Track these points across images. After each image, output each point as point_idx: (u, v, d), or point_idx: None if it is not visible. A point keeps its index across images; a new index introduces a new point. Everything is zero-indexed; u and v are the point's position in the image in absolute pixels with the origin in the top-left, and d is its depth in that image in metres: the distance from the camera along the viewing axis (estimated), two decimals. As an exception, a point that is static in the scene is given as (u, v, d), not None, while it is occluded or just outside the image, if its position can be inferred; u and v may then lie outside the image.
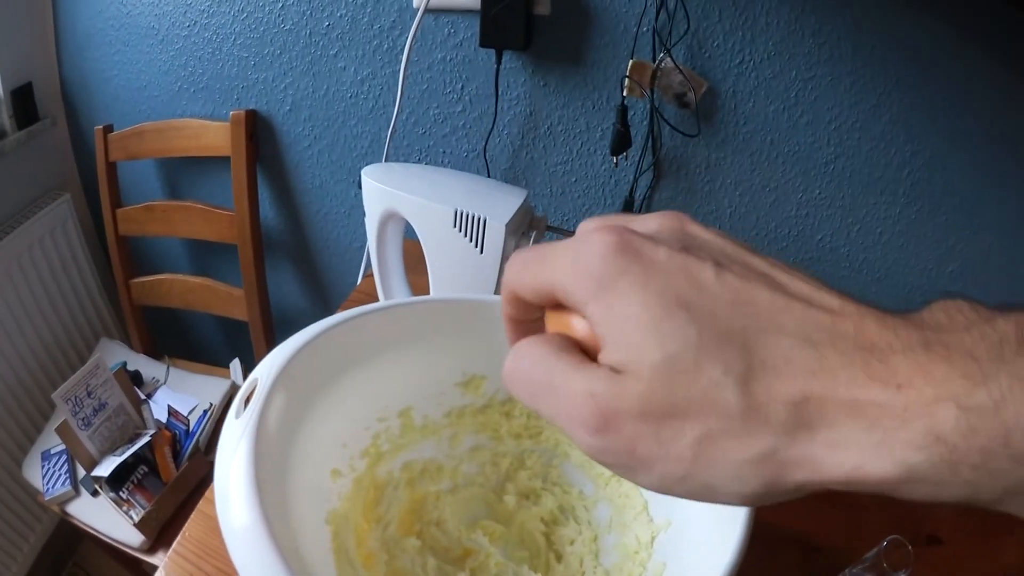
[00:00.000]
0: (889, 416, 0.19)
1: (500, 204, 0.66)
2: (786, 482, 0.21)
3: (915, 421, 0.18)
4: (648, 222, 0.25)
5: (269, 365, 0.44)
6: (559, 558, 0.56)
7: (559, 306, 0.25)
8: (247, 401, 0.42)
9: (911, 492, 0.19)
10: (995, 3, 0.82)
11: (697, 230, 0.25)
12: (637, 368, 0.21)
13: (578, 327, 0.25)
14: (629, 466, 0.22)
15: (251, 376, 0.43)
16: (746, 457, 0.21)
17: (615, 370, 0.22)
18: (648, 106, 0.99)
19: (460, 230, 0.67)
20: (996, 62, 0.86)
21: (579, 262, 0.23)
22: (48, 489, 1.15)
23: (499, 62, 1.00)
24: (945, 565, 0.64)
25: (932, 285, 1.01)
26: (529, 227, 0.69)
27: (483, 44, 0.98)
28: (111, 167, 1.34)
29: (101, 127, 1.31)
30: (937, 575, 0.62)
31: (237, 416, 0.41)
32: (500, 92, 1.04)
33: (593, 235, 0.24)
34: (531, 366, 0.24)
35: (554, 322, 0.26)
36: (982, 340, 0.19)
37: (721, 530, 0.42)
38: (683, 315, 0.21)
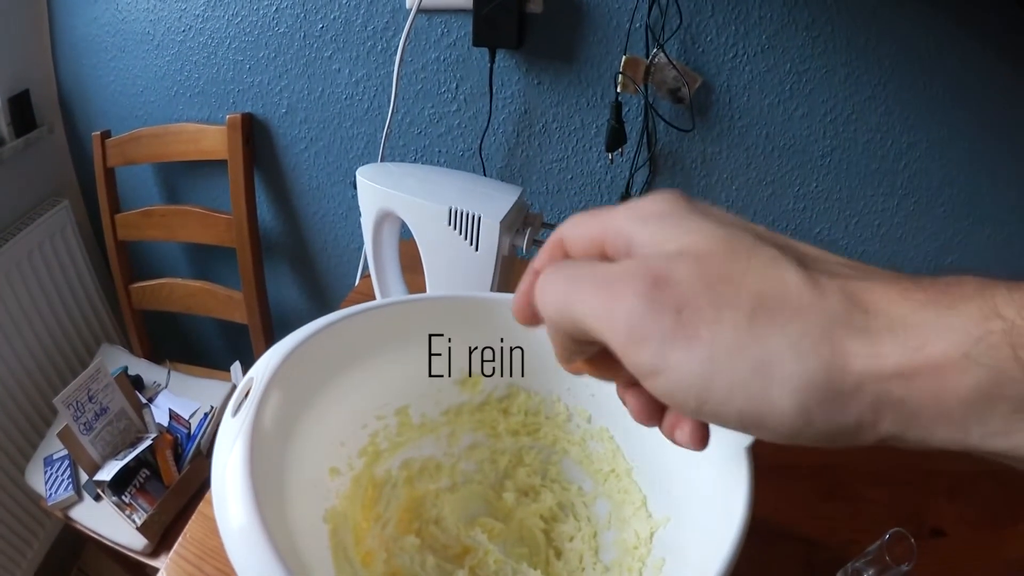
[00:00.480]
0: (943, 304, 0.19)
1: (495, 201, 0.67)
2: (845, 375, 0.19)
3: (970, 302, 0.18)
4: None
5: (265, 364, 0.44)
6: (559, 555, 0.56)
7: None
8: (243, 400, 0.42)
9: (969, 389, 0.18)
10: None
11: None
12: (694, 245, 0.21)
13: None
14: (673, 333, 0.20)
15: (247, 375, 0.43)
16: (805, 328, 0.19)
17: (665, 253, 0.22)
18: (642, 102, 0.99)
19: (455, 228, 0.67)
20: (992, 52, 0.87)
21: (637, 206, 0.24)
22: (51, 495, 1.16)
23: (493, 61, 1.00)
24: (949, 558, 0.63)
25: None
26: (524, 224, 0.69)
27: (476, 43, 0.98)
28: (109, 173, 1.34)
29: (99, 133, 1.31)
30: (941, 568, 0.62)
31: (233, 415, 0.41)
32: (494, 91, 1.05)
33: (650, 195, 0.25)
34: (573, 269, 0.24)
35: None
36: (999, 288, 0.19)
37: (720, 524, 0.41)
38: (741, 229, 0.22)
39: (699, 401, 0.20)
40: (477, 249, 0.67)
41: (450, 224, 0.67)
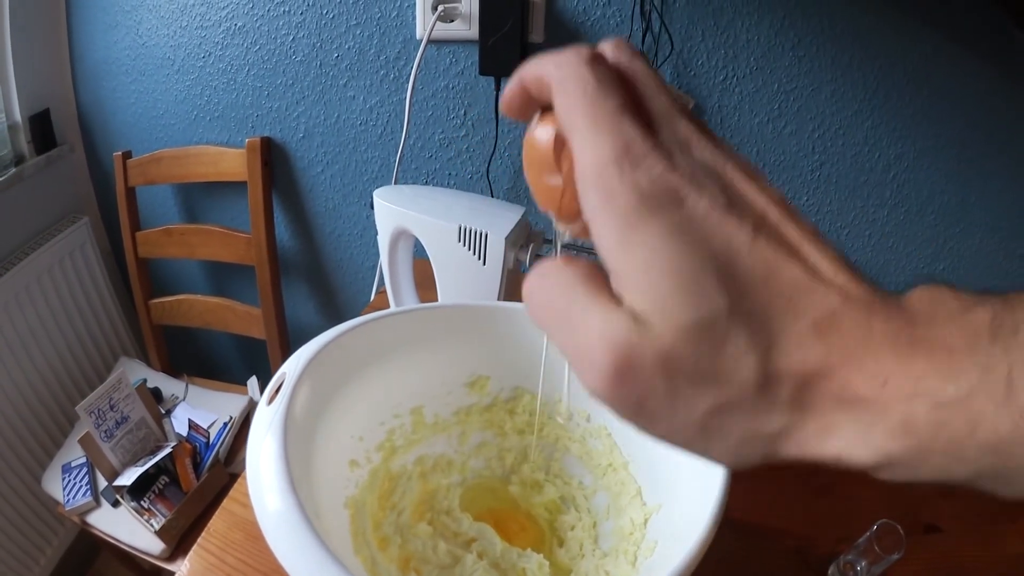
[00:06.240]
0: (872, 410, 0.20)
1: (500, 220, 0.72)
2: (777, 456, 0.22)
3: (893, 415, 0.19)
4: (696, 147, 0.24)
5: (296, 360, 0.49)
6: (561, 543, 0.60)
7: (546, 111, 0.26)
8: (276, 392, 0.47)
9: (890, 474, 0.21)
10: (970, 5, 0.85)
11: (738, 178, 0.23)
12: (663, 324, 0.20)
13: (545, 137, 0.25)
14: (632, 416, 0.22)
15: (280, 370, 0.48)
16: (752, 434, 0.21)
17: (637, 317, 0.21)
18: (640, 126, 1.04)
19: (464, 244, 0.72)
20: (976, 62, 0.89)
21: (602, 159, 0.22)
22: (69, 500, 1.19)
23: (498, 88, 1.06)
24: (945, 554, 0.65)
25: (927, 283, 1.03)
26: (527, 240, 0.74)
27: (483, 72, 1.04)
28: (131, 192, 1.39)
29: (120, 153, 1.36)
30: (937, 563, 0.64)
31: (268, 404, 0.46)
32: (500, 116, 1.10)
33: (627, 134, 0.22)
34: (552, 290, 0.23)
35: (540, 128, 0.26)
36: (959, 331, 0.20)
37: (704, 509, 0.45)
38: (716, 280, 0.21)
39: (658, 439, 0.23)
40: (484, 263, 0.72)
41: (460, 241, 0.72)
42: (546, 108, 0.26)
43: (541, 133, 0.25)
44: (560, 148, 0.25)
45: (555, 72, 0.24)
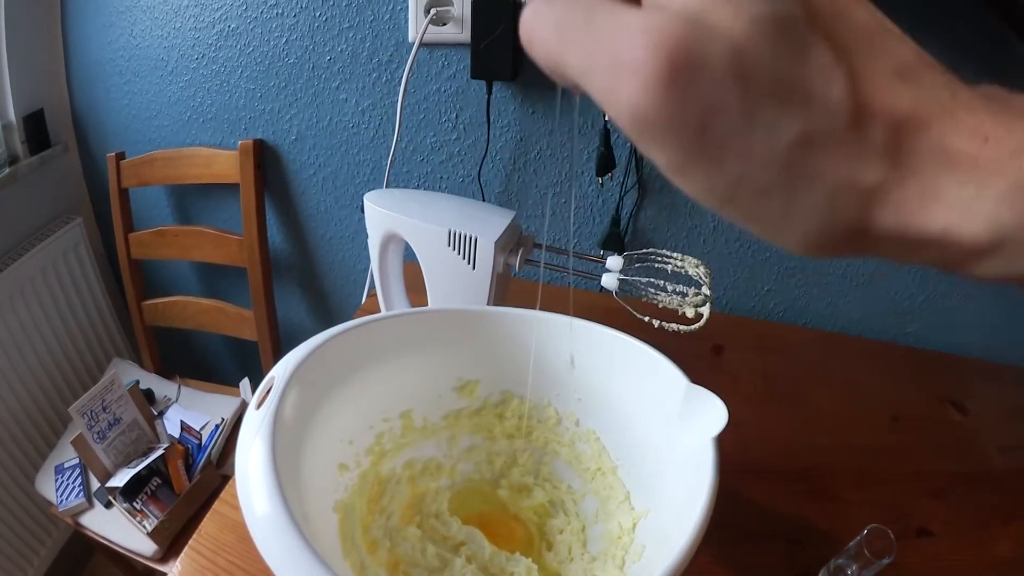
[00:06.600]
0: (978, 170, 0.17)
1: (490, 224, 0.72)
2: (872, 226, 0.18)
3: (1004, 175, 0.17)
4: None
5: (285, 365, 0.49)
6: (549, 547, 0.61)
7: None
8: (265, 395, 0.47)
9: (1000, 263, 0.18)
10: (963, 8, 0.85)
11: None
12: (734, 12, 0.16)
13: None
14: (691, 145, 0.17)
15: (268, 374, 0.49)
16: (846, 183, 0.18)
17: (692, 16, 0.16)
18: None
19: (454, 248, 0.73)
20: (975, 71, 0.89)
21: None
22: (62, 501, 1.19)
23: (490, 92, 1.06)
24: (937, 558, 0.65)
25: (919, 287, 1.05)
26: (517, 245, 0.74)
27: (474, 75, 1.04)
28: (124, 193, 1.39)
29: (113, 154, 1.36)
30: (928, 567, 0.64)
31: (256, 407, 0.46)
32: (492, 120, 1.10)
33: None
34: (565, 4, 0.18)
35: None
36: None
37: (692, 513, 0.44)
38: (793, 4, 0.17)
39: (715, 209, 0.19)
40: (474, 268, 0.73)
41: (450, 245, 0.73)
42: None
43: None
44: None
45: None
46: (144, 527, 1.11)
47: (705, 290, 0.66)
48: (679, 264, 0.67)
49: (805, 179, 0.17)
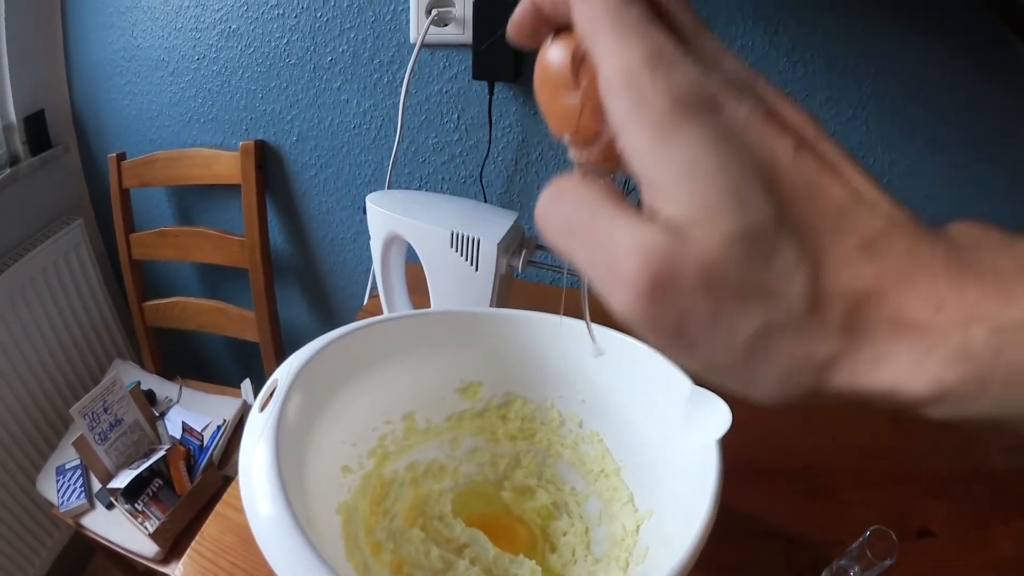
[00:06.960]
0: (927, 336, 0.19)
1: (492, 225, 0.72)
2: (827, 388, 0.20)
3: (950, 341, 0.18)
4: (726, 61, 0.22)
5: (288, 367, 0.49)
6: (553, 549, 0.61)
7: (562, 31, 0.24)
8: (268, 398, 0.47)
9: (943, 410, 0.19)
10: (964, 10, 0.85)
11: (771, 93, 0.22)
12: (707, 233, 0.19)
13: (560, 55, 0.24)
14: (669, 340, 0.20)
15: (272, 377, 0.49)
16: (801, 361, 0.20)
17: (675, 229, 0.19)
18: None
19: (456, 250, 0.73)
20: (971, 69, 0.90)
21: (632, 63, 0.20)
22: (63, 502, 1.19)
23: (491, 93, 1.06)
24: (938, 558, 0.65)
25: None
26: (520, 246, 0.74)
27: (476, 76, 1.04)
28: (125, 193, 1.39)
29: (115, 155, 1.36)
30: (930, 568, 0.63)
31: (260, 410, 0.46)
32: (493, 121, 1.10)
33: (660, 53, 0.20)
34: (572, 206, 0.21)
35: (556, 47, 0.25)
36: (1009, 259, 0.19)
37: (695, 515, 0.44)
38: (763, 188, 0.19)
39: (696, 371, 0.21)
40: (477, 269, 0.73)
41: (452, 246, 0.73)
42: (559, 31, 0.25)
43: (556, 51, 0.24)
44: (578, 64, 0.23)
45: None
46: (146, 528, 1.11)
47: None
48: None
49: (764, 363, 0.20)
